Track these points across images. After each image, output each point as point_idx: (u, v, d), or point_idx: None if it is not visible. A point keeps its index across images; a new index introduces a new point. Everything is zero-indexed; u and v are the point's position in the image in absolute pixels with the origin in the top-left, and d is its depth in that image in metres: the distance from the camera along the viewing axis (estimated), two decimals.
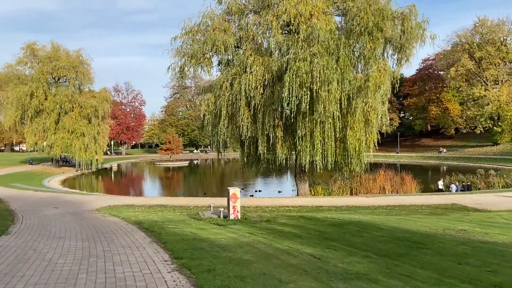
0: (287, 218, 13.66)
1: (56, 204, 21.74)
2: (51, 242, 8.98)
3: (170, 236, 9.38)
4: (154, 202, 23.71)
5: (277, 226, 11.46)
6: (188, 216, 14.68)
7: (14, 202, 22.62)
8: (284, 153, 22.04)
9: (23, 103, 47.50)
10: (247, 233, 9.98)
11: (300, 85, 18.89)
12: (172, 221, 12.95)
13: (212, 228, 11.10)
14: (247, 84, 20.80)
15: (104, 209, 19.80)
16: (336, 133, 21.33)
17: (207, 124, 24.66)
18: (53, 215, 16.71)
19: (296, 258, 6.88)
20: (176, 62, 24.00)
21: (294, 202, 22.15)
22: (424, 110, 79.72)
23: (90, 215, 16.32)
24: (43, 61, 50.83)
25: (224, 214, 13.47)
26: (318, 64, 18.43)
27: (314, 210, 18.81)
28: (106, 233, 10.39)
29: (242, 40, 23.61)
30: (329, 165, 22.11)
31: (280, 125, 21.39)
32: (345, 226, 11.17)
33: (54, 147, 48.75)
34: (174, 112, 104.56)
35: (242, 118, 21.57)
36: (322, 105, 18.98)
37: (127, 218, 14.15)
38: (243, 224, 12.10)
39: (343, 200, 23.68)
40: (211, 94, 23.93)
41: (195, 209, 20.34)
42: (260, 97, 21.13)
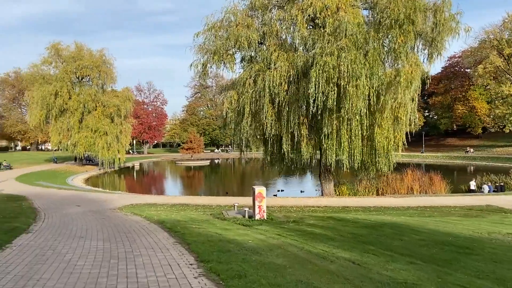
0: (315, 219, 13.00)
1: (78, 202, 21.68)
2: (72, 242, 8.62)
3: (194, 237, 8.88)
4: (176, 201, 23.40)
5: (306, 227, 10.82)
6: (212, 215, 14.19)
7: (38, 200, 22.71)
8: (309, 152, 21.33)
9: (47, 102, 48.28)
10: (275, 234, 9.38)
11: (327, 80, 18.15)
12: (195, 220, 12.48)
13: (238, 229, 10.56)
14: (271, 80, 20.19)
15: (126, 207, 19.58)
16: (363, 131, 20.49)
17: (229, 122, 24.18)
18: (75, 213, 16.53)
19: (334, 263, 6.24)
20: (199, 59, 23.64)
21: (319, 202, 21.42)
22: (449, 109, 77.35)
23: (112, 214, 16.06)
24: (67, 61, 51.56)
25: (249, 214, 12.91)
26: (346, 58, 17.66)
27: (341, 211, 18.05)
28: (128, 233, 9.99)
29: (265, 35, 23.01)
30: (356, 164, 21.28)
31: (305, 122, 20.69)
32: (379, 228, 10.44)
33: (77, 146, 49.37)
34: (195, 112, 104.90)
35: (265, 116, 20.98)
36: (350, 101, 18.19)
37: (149, 217, 13.79)
38: (270, 224, 11.52)
39: (370, 200, 22.80)
40: (233, 91, 23.44)
41: (218, 208, 19.90)
42: (284, 94, 20.49)
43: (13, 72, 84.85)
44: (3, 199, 22.17)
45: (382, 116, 20.82)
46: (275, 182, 43.78)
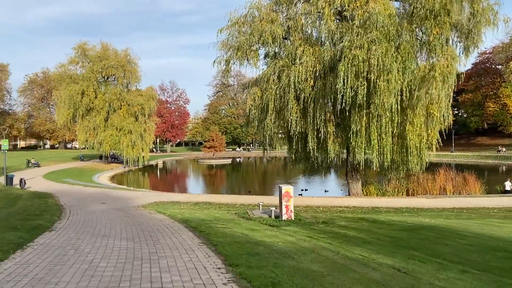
0: (346, 220, 12.33)
1: (103, 200, 21.66)
2: (95, 241, 8.29)
3: (220, 237, 8.40)
4: (199, 199, 23.11)
5: (337, 229, 10.18)
6: (237, 215, 13.71)
7: (64, 197, 22.84)
8: (336, 150, 20.59)
9: (74, 101, 49.06)
10: (305, 236, 8.80)
11: (356, 75, 17.39)
12: (220, 220, 12.03)
13: (265, 230, 10.02)
14: (296, 76, 19.56)
15: (150, 205, 19.38)
16: (394, 128, 19.61)
17: (252, 120, 23.69)
18: (100, 211, 16.39)
19: (376, 271, 5.62)
20: (222, 55, 23.26)
21: (347, 202, 20.66)
22: (480, 107, 74.49)
23: (136, 212, 15.83)
24: (93, 61, 52.27)
25: (276, 213, 12.36)
26: (376, 51, 16.84)
27: (371, 212, 17.28)
28: (152, 232, 9.62)
29: (290, 30, 22.40)
30: (385, 163, 20.42)
31: (332, 119, 19.97)
32: (419, 231, 9.69)
33: (103, 144, 49.99)
34: (217, 110, 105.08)
35: (290, 113, 20.37)
36: (380, 97, 17.36)
37: (173, 216, 13.44)
38: (298, 225, 10.94)
39: (400, 201, 21.85)
40: (257, 88, 22.93)
41: (241, 207, 19.45)
42: (310, 90, 19.82)
43: (42, 72, 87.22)
44: (30, 196, 22.39)
45: (414, 112, 19.85)
46: (297, 181, 43.11)
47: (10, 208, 15.80)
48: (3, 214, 13.16)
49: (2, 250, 6.99)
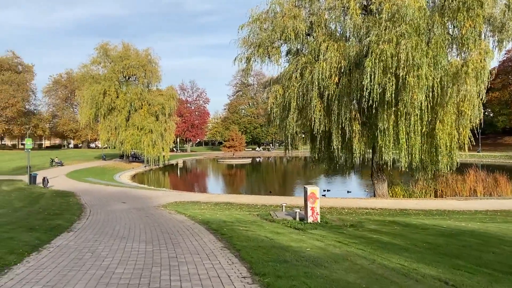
0: (375, 223, 11.64)
1: (124, 199, 21.53)
2: (113, 243, 7.92)
3: (244, 241, 7.90)
4: (219, 199, 22.70)
5: (368, 233, 9.53)
6: (259, 216, 13.19)
7: (85, 196, 22.85)
8: (361, 149, 19.80)
9: (96, 101, 49.56)
10: (335, 241, 8.20)
11: (384, 70, 16.59)
12: (242, 221, 11.54)
13: (290, 233, 9.46)
14: (320, 72, 18.89)
15: (170, 205, 19.09)
16: (423, 126, 18.69)
17: (274, 118, 23.11)
18: (120, 210, 16.17)
19: (420, 283, 5.00)
20: (243, 52, 22.78)
21: (373, 204, 19.86)
22: (507, 106, 71.83)
23: (156, 212, 15.52)
24: (115, 61, 52.71)
25: (301, 216, 11.78)
26: (406, 46, 16.01)
27: (399, 214, 16.47)
28: (172, 234, 9.20)
29: (313, 26, 21.74)
30: (414, 163, 19.51)
31: (357, 117, 19.20)
32: (458, 237, 8.95)
33: (124, 144, 50.35)
34: (236, 110, 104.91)
35: (314, 111, 19.71)
36: (410, 93, 16.52)
37: (193, 216, 13.04)
38: (325, 229, 10.33)
39: (429, 203, 20.89)
40: (279, 85, 22.35)
41: (263, 208, 18.93)
42: (334, 87, 19.11)
43: (65, 73, 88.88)
44: (52, 195, 22.48)
45: (444, 110, 18.88)
46: (318, 181, 42.33)
47: (32, 207, 15.75)
48: (23, 213, 13.04)
49: (17, 253, 6.68)
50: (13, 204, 16.65)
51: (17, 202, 17.56)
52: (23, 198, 20.18)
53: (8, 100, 70.00)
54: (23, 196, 20.94)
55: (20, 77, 75.61)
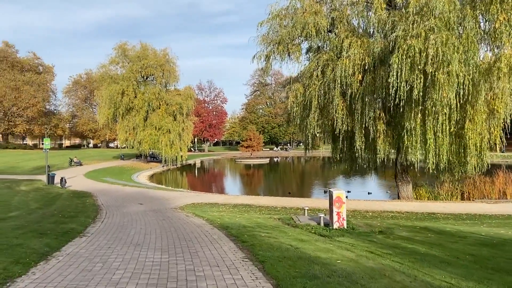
0: (406, 229, 10.83)
1: (141, 200, 21.20)
2: (126, 252, 7.39)
3: (267, 251, 7.26)
4: (238, 201, 22.14)
5: (401, 242, 8.77)
6: (281, 221, 12.52)
7: (102, 196, 22.63)
8: (386, 150, 18.90)
9: (115, 101, 49.71)
10: (366, 251, 7.48)
11: (411, 67, 15.69)
12: (263, 226, 10.90)
13: (316, 241, 8.78)
14: (343, 70, 18.08)
15: (187, 207, 18.63)
16: (451, 126, 17.69)
17: (294, 117, 22.39)
18: (136, 212, 15.76)
19: None
20: (262, 50, 22.13)
21: (398, 207, 18.96)
22: None
23: (173, 214, 15.04)
24: (133, 60, 52.81)
25: (325, 221, 11.06)
26: (435, 41, 15.07)
27: (427, 218, 15.56)
28: (189, 241, 8.64)
29: (335, 22, 20.93)
30: (441, 164, 18.50)
31: (381, 117, 18.32)
32: (503, 247, 8.10)
33: (142, 143, 50.36)
34: (254, 110, 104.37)
35: (336, 110, 18.92)
36: (439, 91, 15.56)
37: (212, 220, 12.48)
38: (353, 236, 9.60)
39: (457, 206, 19.84)
40: (299, 84, 21.63)
41: (283, 211, 18.26)
42: (357, 85, 18.28)
43: (85, 73, 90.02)
44: (69, 196, 22.33)
45: (474, 109, 17.82)
46: (337, 182, 41.45)
47: (47, 209, 15.49)
48: (37, 215, 12.72)
49: (23, 262, 6.21)
50: (29, 205, 16.44)
51: (33, 203, 17.37)
52: (40, 198, 20.04)
53: (29, 100, 71.17)
54: (40, 197, 20.83)
55: (40, 78, 76.84)
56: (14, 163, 49.88)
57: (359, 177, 46.02)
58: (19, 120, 73.53)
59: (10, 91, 70.26)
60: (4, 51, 75.46)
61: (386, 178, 29.20)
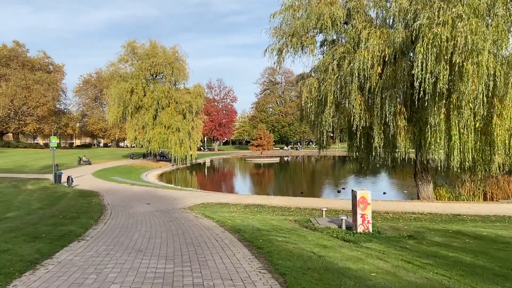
0: (438, 234, 9.76)
1: (148, 200, 20.38)
2: (126, 260, 6.48)
3: (287, 260, 6.29)
4: (249, 201, 21.18)
5: (438, 249, 7.72)
6: (297, 223, 11.52)
7: (109, 196, 21.89)
8: (407, 147, 17.74)
9: (124, 99, 49.08)
10: (402, 261, 6.45)
11: (437, 57, 14.54)
12: (279, 230, 9.93)
13: (341, 247, 7.78)
14: (361, 62, 16.98)
15: (197, 207, 17.74)
16: (477, 121, 16.50)
17: (308, 114, 21.35)
18: (142, 213, 14.90)
19: None
20: (274, 43, 21.14)
21: (420, 208, 17.83)
22: None
23: (181, 215, 14.15)
24: (142, 58, 52.14)
25: (347, 223, 10.04)
26: (464, 28, 13.92)
27: (453, 220, 14.43)
28: (198, 246, 7.71)
29: (351, 13, 19.85)
30: (466, 162, 17.31)
31: (402, 111, 17.16)
32: None
33: (152, 142, 49.68)
34: (264, 109, 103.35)
35: (353, 105, 17.83)
36: (468, 83, 14.40)
37: (222, 222, 11.56)
38: (381, 241, 8.57)
39: (482, 207, 18.64)
40: (313, 78, 20.59)
41: (298, 212, 17.26)
42: (377, 78, 17.17)
43: (95, 73, 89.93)
44: (75, 195, 21.63)
45: (503, 103, 16.59)
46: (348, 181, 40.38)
47: (49, 209, 14.71)
48: (36, 216, 11.91)
49: (6, 273, 5.34)
50: (31, 205, 15.70)
51: (36, 203, 16.63)
52: (44, 198, 19.35)
53: (39, 99, 71.10)
54: (44, 196, 20.15)
55: (50, 77, 76.78)
56: (23, 162, 49.64)
57: (371, 176, 44.83)
58: (29, 119, 73.49)
59: (20, 90, 70.27)
60: (14, 51, 75.53)
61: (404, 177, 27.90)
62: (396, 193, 29.95)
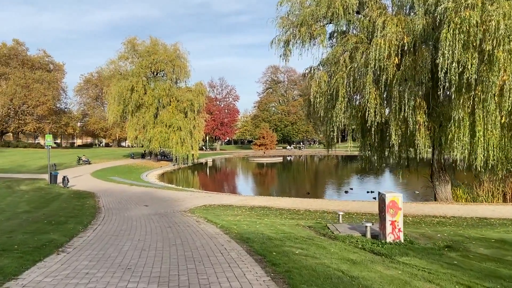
0: (479, 243, 8.35)
1: (147, 201, 19.06)
2: (108, 283, 5.13)
3: (311, 284, 4.95)
4: (254, 202, 19.83)
5: (496, 266, 6.34)
6: (313, 230, 10.10)
7: (105, 197, 20.60)
8: (426, 145, 16.31)
9: (124, 97, 47.73)
10: (459, 285, 5.07)
11: (465, 45, 13.11)
12: (293, 238, 8.57)
13: (372, 262, 6.39)
14: (377, 52, 15.56)
15: (198, 209, 16.40)
16: (503, 116, 15.09)
17: (316, 110, 19.98)
18: (139, 217, 13.56)
19: None
20: (281, 34, 19.81)
21: (440, 210, 16.43)
22: None
23: (181, 219, 12.80)
24: (143, 56, 50.79)
25: (373, 231, 8.65)
26: (495, 12, 12.53)
27: (481, 225, 13.02)
28: (199, 262, 6.35)
29: (363, 0, 18.51)
30: (490, 161, 15.92)
31: (422, 106, 15.73)
32: None
33: (152, 141, 48.35)
34: (266, 108, 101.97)
35: (367, 99, 16.41)
36: (499, 73, 13.00)
37: (227, 228, 10.21)
38: (418, 254, 7.17)
39: (507, 209, 17.21)
40: (323, 71, 19.22)
41: (307, 214, 15.90)
42: (394, 69, 15.74)
43: (96, 72, 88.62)
44: (69, 196, 20.32)
45: None
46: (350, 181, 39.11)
47: (36, 212, 13.38)
48: (17, 222, 10.57)
49: None
50: (17, 208, 14.38)
51: (24, 206, 15.30)
52: (35, 200, 18.04)
53: (39, 98, 69.91)
54: (36, 198, 18.83)
55: (50, 76, 75.55)
56: (22, 162, 48.47)
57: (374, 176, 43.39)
58: (29, 118, 72.34)
59: (20, 89, 69.12)
60: (14, 49, 74.37)
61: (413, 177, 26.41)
62: (408, 194, 28.51)
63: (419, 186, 30.05)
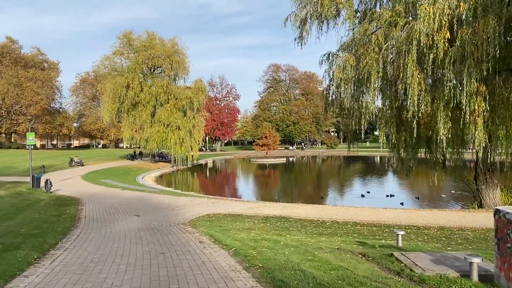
0: None
1: (139, 210, 15.90)
2: None
3: None
4: (266, 210, 16.68)
5: None
6: (373, 261, 6.88)
7: (91, 204, 17.48)
8: (485, 140, 13.12)
9: (119, 95, 44.49)
10: None
11: None
12: (353, 282, 5.42)
13: None
14: (425, 22, 12.41)
15: (201, 221, 13.26)
16: None
17: (340, 100, 16.94)
18: (124, 234, 10.38)
19: None
20: (298, 9, 16.68)
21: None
22: None
23: (180, 239, 9.63)
24: (139, 51, 47.53)
25: (483, 269, 5.46)
26: None
27: None
28: None
29: None
30: None
31: (481, 91, 12.58)
32: None
33: (150, 141, 45.20)
34: (268, 107, 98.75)
35: (409, 84, 13.21)
36: None
37: (244, 256, 7.09)
38: None
39: None
40: (348, 54, 16.04)
41: (337, 228, 12.74)
42: (444, 46, 12.58)
43: (93, 71, 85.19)
44: (48, 203, 17.17)
45: None
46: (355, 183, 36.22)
47: None
48: None
49: None
50: None
51: None
52: (5, 208, 14.88)
53: (32, 97, 66.64)
54: (6, 206, 15.67)
55: (44, 74, 72.15)
56: (10, 163, 45.28)
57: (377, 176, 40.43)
58: (22, 118, 69.09)
59: (12, 88, 65.83)
60: (7, 47, 71.08)
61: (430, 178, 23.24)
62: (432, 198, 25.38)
63: (444, 188, 27.00)
